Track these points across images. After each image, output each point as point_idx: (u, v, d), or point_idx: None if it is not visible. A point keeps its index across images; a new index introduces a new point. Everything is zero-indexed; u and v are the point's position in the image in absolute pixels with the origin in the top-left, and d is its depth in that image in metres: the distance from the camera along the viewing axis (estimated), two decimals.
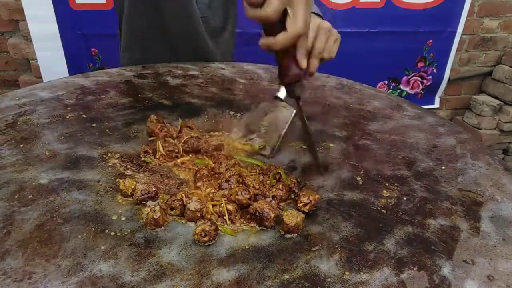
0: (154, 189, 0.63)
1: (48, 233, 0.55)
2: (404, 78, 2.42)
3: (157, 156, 0.73)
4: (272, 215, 0.58)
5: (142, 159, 0.73)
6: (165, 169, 0.72)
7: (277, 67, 0.66)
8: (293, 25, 0.57)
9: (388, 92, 2.37)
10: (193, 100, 1.00)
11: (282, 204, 0.64)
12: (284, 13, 0.57)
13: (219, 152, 0.74)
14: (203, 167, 0.70)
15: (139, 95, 1.01)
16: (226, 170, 0.69)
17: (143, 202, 0.62)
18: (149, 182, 0.67)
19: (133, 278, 0.49)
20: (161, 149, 0.74)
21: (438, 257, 0.54)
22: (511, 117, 2.47)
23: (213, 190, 0.66)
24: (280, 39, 0.58)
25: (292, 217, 0.57)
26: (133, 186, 0.63)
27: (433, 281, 0.50)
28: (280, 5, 0.55)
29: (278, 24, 0.58)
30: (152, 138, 0.79)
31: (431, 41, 2.31)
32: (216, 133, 0.84)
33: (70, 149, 0.76)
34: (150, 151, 0.74)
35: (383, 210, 0.63)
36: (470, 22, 2.32)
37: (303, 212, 0.60)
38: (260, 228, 0.58)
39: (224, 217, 0.60)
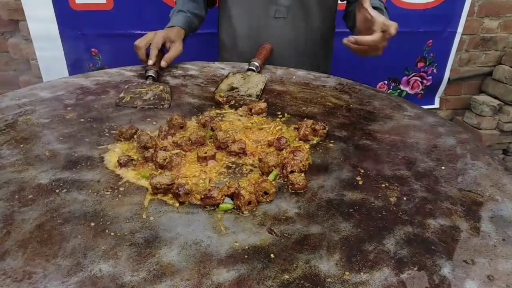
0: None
1: (48, 233, 0.55)
2: (404, 78, 2.42)
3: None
4: (246, 197, 0.61)
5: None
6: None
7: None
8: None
9: (388, 92, 2.37)
10: (193, 100, 1.00)
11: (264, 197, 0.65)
12: None
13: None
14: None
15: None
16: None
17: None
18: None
19: (133, 278, 0.49)
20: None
21: (438, 257, 0.54)
22: (511, 117, 2.46)
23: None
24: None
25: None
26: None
27: (433, 281, 0.50)
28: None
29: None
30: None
31: (431, 41, 2.30)
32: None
33: (70, 149, 0.76)
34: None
35: (383, 210, 0.63)
36: (470, 22, 2.32)
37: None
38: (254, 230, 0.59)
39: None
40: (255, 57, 1.20)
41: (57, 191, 0.64)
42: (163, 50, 1.15)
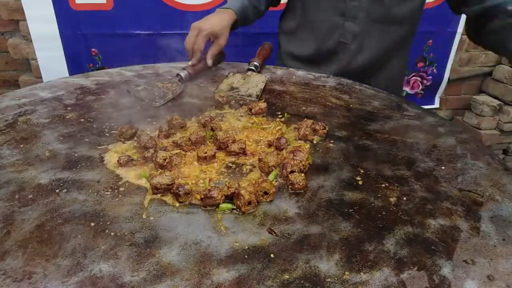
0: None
1: (48, 233, 0.55)
2: (404, 78, 2.42)
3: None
4: (246, 197, 0.61)
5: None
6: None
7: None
8: None
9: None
10: (193, 100, 1.00)
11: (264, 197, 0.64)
12: None
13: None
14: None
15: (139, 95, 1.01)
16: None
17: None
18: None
19: (133, 278, 0.49)
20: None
21: (438, 257, 0.54)
22: (511, 117, 2.46)
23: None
24: None
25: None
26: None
27: (433, 281, 0.50)
28: None
29: None
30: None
31: (431, 41, 2.30)
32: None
33: (70, 149, 0.76)
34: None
35: (383, 210, 0.63)
36: None
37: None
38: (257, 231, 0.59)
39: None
40: (255, 57, 1.20)
41: (57, 191, 0.64)
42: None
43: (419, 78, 2.44)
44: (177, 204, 0.63)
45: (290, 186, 0.67)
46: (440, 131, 0.88)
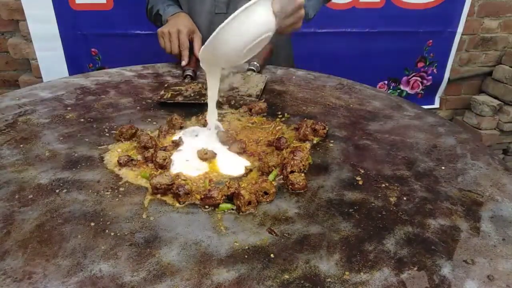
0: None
1: (48, 233, 0.55)
2: (404, 78, 2.42)
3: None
4: (246, 197, 0.61)
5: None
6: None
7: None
8: None
9: (388, 92, 2.36)
10: None
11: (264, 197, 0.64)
12: None
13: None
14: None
15: (139, 95, 1.01)
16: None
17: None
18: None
19: (133, 278, 0.49)
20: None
21: (438, 257, 0.54)
22: (511, 117, 2.46)
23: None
24: None
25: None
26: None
27: (433, 281, 0.50)
28: None
29: None
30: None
31: (431, 41, 2.30)
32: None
33: (70, 149, 0.76)
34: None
35: (383, 210, 0.63)
36: (470, 22, 2.32)
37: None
38: (256, 231, 0.59)
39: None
40: (255, 57, 1.20)
41: (57, 191, 0.64)
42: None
43: (419, 78, 2.44)
44: (177, 204, 0.63)
45: (290, 186, 0.67)
46: (440, 131, 0.88)
